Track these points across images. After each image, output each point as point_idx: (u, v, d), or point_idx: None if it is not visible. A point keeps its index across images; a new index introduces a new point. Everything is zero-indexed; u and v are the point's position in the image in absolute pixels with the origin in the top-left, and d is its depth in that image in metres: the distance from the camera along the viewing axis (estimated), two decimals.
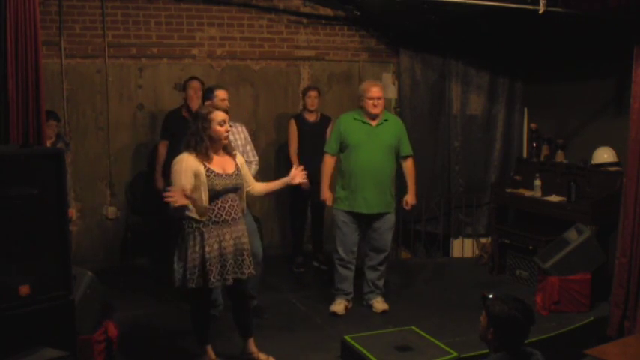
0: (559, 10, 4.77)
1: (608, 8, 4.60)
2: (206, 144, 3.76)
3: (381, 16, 6.69)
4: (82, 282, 3.75)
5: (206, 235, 3.74)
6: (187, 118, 5.46)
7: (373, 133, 4.95)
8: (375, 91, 4.94)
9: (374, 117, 4.97)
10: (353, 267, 5.11)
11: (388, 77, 7.06)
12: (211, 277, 3.75)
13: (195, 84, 5.58)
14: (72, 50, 6.01)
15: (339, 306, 5.05)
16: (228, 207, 3.82)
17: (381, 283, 5.16)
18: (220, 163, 3.83)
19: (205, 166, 3.74)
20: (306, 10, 6.72)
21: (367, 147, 4.92)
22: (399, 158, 5.11)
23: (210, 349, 4.08)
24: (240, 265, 3.89)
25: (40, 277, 3.13)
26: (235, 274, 3.87)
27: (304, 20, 6.72)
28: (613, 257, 4.89)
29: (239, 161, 3.98)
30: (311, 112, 6.13)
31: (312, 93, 6.11)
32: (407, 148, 5.12)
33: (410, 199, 5.16)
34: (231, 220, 3.83)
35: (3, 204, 2.99)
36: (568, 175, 5.76)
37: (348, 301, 5.13)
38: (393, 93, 7.05)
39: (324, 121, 6.17)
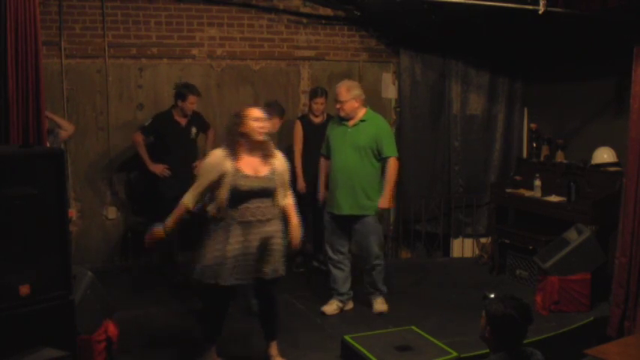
0: (559, 10, 4.77)
1: (608, 8, 4.60)
2: (238, 142, 3.79)
3: (381, 16, 6.69)
4: (82, 282, 3.75)
5: (229, 234, 3.75)
6: (178, 120, 5.80)
7: (348, 134, 4.92)
8: (337, 93, 4.91)
9: (346, 118, 4.92)
10: (344, 267, 5.08)
11: (388, 77, 7.06)
12: (225, 275, 3.76)
13: (194, 99, 5.74)
14: (72, 50, 6.02)
15: (329, 306, 5.05)
16: (254, 208, 3.79)
17: (379, 284, 5.13)
18: (252, 164, 3.81)
19: (235, 165, 3.75)
20: (306, 10, 6.72)
21: (341, 148, 4.91)
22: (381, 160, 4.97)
23: (214, 349, 4.05)
24: (263, 265, 3.87)
25: (40, 277, 3.13)
26: (257, 274, 3.88)
27: (304, 20, 6.72)
28: (613, 257, 4.89)
29: (278, 167, 3.92)
30: (317, 115, 6.10)
31: (320, 100, 6.03)
32: (387, 149, 4.91)
33: (381, 202, 4.91)
34: (257, 221, 3.80)
35: (3, 204, 2.99)
36: (568, 175, 5.76)
37: (341, 302, 5.11)
38: (393, 93, 7.05)
39: (329, 121, 6.14)
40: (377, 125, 4.97)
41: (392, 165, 4.93)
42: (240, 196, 3.74)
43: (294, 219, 4.01)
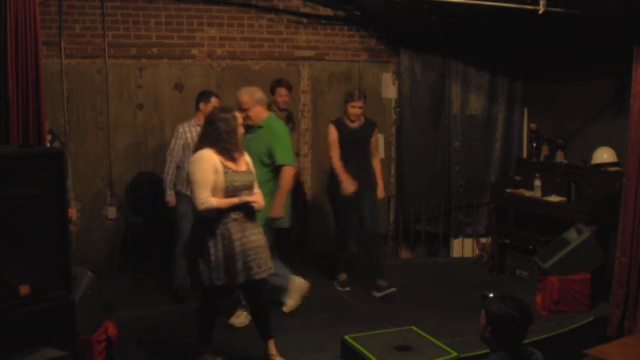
0: (559, 10, 4.77)
1: (608, 8, 4.60)
2: (234, 142, 3.83)
3: (381, 16, 6.69)
4: (82, 282, 3.75)
5: (229, 233, 3.77)
6: (280, 116, 5.56)
7: (248, 140, 4.43)
8: (240, 102, 4.65)
9: (253, 125, 4.65)
10: None
11: (388, 77, 7.06)
12: (236, 275, 3.77)
13: (283, 91, 5.72)
14: (72, 50, 6.02)
15: (237, 318, 4.76)
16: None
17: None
18: (234, 161, 3.88)
19: (223, 163, 3.79)
20: (306, 10, 6.72)
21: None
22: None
23: (211, 348, 4.09)
24: (260, 264, 3.89)
25: (40, 277, 3.13)
26: (259, 270, 3.87)
27: (304, 20, 6.72)
28: (613, 257, 4.89)
29: (247, 159, 4.02)
30: (353, 120, 5.58)
31: (357, 103, 5.49)
32: (279, 157, 4.61)
33: (271, 211, 4.55)
34: (246, 215, 3.86)
35: (3, 204, 2.99)
36: (568, 175, 5.77)
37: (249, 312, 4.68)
38: (393, 93, 7.05)
39: (368, 126, 5.65)
40: (271, 131, 4.68)
41: (286, 173, 4.64)
42: (234, 192, 3.79)
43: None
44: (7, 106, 3.55)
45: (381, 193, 5.70)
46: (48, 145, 4.46)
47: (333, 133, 5.52)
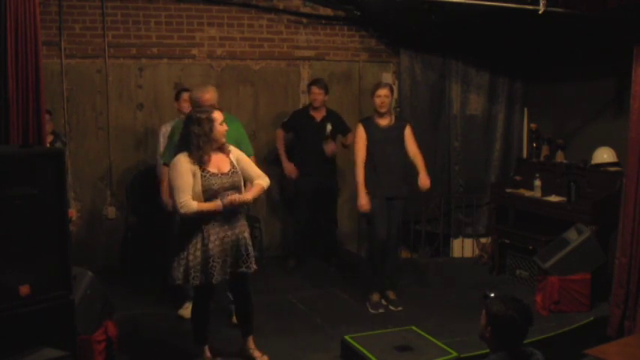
0: (559, 10, 4.77)
1: (608, 8, 4.60)
2: (205, 146, 3.77)
3: (381, 16, 6.69)
4: (82, 282, 3.75)
5: (208, 233, 3.77)
6: (313, 115, 6.13)
7: None
8: (209, 98, 4.56)
9: None
10: None
11: (388, 77, 7.06)
12: (214, 274, 3.77)
13: (315, 89, 6.07)
14: (72, 50, 6.02)
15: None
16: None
17: None
18: (215, 163, 3.85)
19: (201, 167, 3.77)
20: (306, 10, 6.71)
21: None
22: None
23: (207, 348, 4.09)
24: (244, 260, 3.91)
25: (40, 277, 3.13)
26: (238, 268, 3.89)
27: (304, 20, 6.72)
28: (613, 257, 4.89)
29: (234, 157, 3.97)
30: (382, 114, 5.15)
31: (382, 92, 5.08)
32: (249, 150, 4.71)
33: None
34: (228, 216, 3.85)
35: (3, 204, 2.99)
36: (568, 175, 5.76)
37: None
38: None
39: (399, 124, 5.28)
40: (237, 127, 4.75)
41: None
42: (214, 195, 3.77)
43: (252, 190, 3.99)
44: (7, 106, 3.55)
45: (423, 180, 5.22)
46: (48, 145, 4.48)
47: (360, 134, 5.15)
